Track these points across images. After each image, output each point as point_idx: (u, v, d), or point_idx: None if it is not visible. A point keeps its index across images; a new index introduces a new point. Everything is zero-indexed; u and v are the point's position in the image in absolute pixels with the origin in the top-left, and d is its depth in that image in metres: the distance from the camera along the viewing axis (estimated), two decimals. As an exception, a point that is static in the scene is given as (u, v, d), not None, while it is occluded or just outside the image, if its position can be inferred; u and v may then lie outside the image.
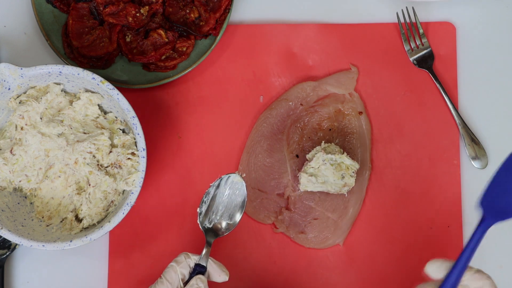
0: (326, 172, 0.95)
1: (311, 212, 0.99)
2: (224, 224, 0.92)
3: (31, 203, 0.96)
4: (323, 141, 0.98)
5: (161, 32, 1.00)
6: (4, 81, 0.92)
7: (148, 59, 1.00)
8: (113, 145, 0.95)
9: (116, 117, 0.97)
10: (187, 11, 1.01)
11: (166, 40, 1.00)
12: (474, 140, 1.01)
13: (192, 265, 0.87)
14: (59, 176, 0.95)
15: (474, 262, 1.00)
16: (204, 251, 0.88)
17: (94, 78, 0.91)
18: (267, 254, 1.00)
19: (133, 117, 0.91)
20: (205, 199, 0.92)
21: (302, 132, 1.01)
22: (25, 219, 0.94)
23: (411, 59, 1.03)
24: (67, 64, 0.97)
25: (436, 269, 0.82)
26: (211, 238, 0.90)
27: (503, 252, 1.01)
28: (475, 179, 1.02)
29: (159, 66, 1.01)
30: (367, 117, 1.02)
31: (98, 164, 0.95)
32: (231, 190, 0.92)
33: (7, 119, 0.96)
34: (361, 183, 1.00)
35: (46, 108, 0.96)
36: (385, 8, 1.05)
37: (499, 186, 0.82)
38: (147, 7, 1.00)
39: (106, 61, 1.01)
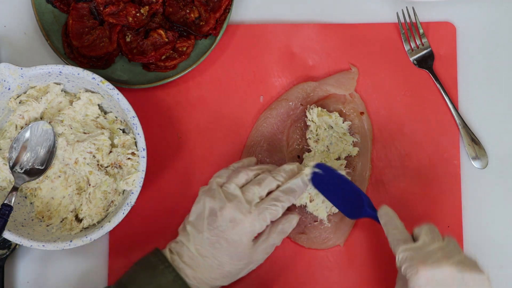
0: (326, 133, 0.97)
1: (311, 213, 0.99)
2: (35, 169, 0.93)
3: (31, 203, 0.96)
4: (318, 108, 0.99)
5: (161, 32, 1.00)
6: (4, 81, 0.92)
7: (148, 59, 1.00)
8: (113, 145, 0.95)
9: (116, 117, 0.98)
10: (187, 11, 1.01)
11: (166, 40, 1.00)
12: (474, 140, 1.01)
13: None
14: (59, 176, 0.95)
15: (474, 262, 1.00)
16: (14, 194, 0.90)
17: (94, 78, 0.91)
18: (267, 254, 1.00)
19: (133, 117, 0.91)
20: (14, 145, 0.93)
21: (302, 132, 1.01)
22: (25, 219, 0.94)
23: (411, 59, 1.03)
24: (67, 64, 0.97)
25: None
26: (20, 181, 0.92)
27: (503, 252, 1.01)
28: (475, 179, 1.02)
29: (159, 66, 1.01)
30: (368, 117, 1.01)
31: (98, 164, 0.95)
32: (41, 138, 0.93)
33: (7, 119, 0.96)
34: (361, 183, 1.00)
35: (46, 108, 0.96)
36: (385, 8, 1.05)
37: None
38: (147, 7, 1.00)
39: (106, 61, 1.01)
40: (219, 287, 0.89)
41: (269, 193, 0.89)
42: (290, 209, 0.93)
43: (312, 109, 0.99)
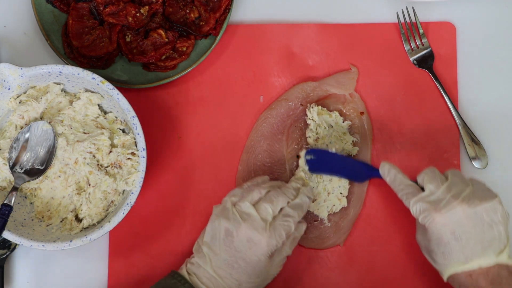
0: (325, 132, 0.98)
1: (311, 213, 0.99)
2: (35, 169, 0.93)
3: (31, 203, 0.96)
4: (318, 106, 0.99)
5: (161, 32, 1.00)
6: (4, 81, 0.92)
7: (148, 59, 1.00)
8: (113, 145, 0.95)
9: (116, 117, 0.98)
10: (187, 11, 1.01)
11: (166, 40, 1.00)
12: (474, 140, 1.01)
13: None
14: (59, 176, 0.95)
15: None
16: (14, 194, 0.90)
17: (94, 78, 0.91)
18: (267, 254, 1.00)
19: (133, 117, 0.91)
20: (14, 145, 0.93)
21: (302, 132, 1.01)
22: (25, 219, 0.94)
23: (411, 59, 1.03)
24: (67, 64, 0.97)
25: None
26: (20, 181, 0.92)
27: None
28: (475, 179, 1.02)
29: (159, 66, 1.01)
30: (368, 117, 1.01)
31: (98, 164, 0.95)
32: (41, 137, 0.93)
33: (7, 119, 0.96)
34: (361, 183, 1.00)
35: (46, 108, 0.96)
36: (385, 8, 1.05)
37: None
38: (147, 7, 1.00)
39: (106, 61, 1.01)
40: None
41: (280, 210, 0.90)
42: None
43: (312, 107, 0.99)
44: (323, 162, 0.95)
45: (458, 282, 0.86)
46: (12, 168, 0.93)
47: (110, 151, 0.95)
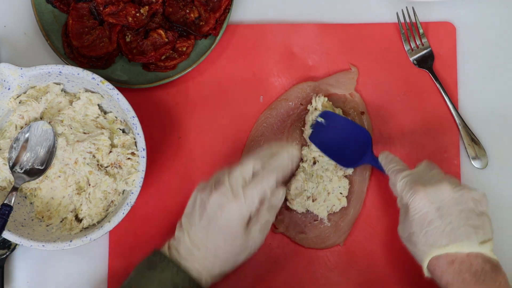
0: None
1: (311, 213, 0.99)
2: (35, 169, 0.93)
3: (31, 203, 0.96)
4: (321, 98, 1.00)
5: (161, 32, 1.00)
6: (4, 81, 0.92)
7: (148, 59, 1.00)
8: (113, 145, 0.95)
9: (116, 117, 0.98)
10: (187, 11, 1.01)
11: (166, 40, 1.00)
12: (474, 140, 1.01)
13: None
14: (59, 176, 0.95)
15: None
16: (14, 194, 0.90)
17: (94, 78, 0.91)
18: (267, 254, 1.00)
19: (133, 117, 0.91)
20: (14, 145, 0.93)
21: (302, 132, 1.01)
22: (25, 219, 0.94)
23: (411, 59, 1.03)
24: (67, 64, 0.97)
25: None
26: (20, 181, 0.92)
27: (503, 252, 1.01)
28: (475, 179, 1.02)
29: (159, 66, 1.01)
30: (369, 117, 1.01)
31: (98, 164, 0.95)
32: (41, 137, 0.93)
33: (7, 119, 0.96)
34: (361, 183, 1.00)
35: (46, 108, 0.96)
36: (385, 8, 1.05)
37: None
38: (147, 7, 1.00)
39: (106, 61, 1.01)
40: (222, 275, 0.89)
41: None
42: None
43: (319, 96, 0.99)
44: (329, 130, 0.95)
45: (440, 270, 0.83)
46: (12, 168, 0.93)
47: (110, 151, 0.95)
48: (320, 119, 0.96)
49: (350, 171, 0.98)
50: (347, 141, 0.96)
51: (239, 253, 0.88)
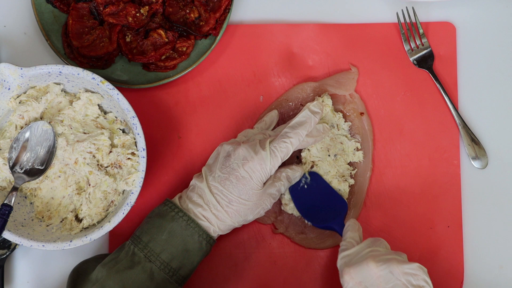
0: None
1: (311, 212, 0.99)
2: (35, 169, 0.93)
3: (31, 203, 0.96)
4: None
5: (161, 32, 1.00)
6: (4, 81, 0.92)
7: (148, 59, 1.00)
8: (113, 145, 0.95)
9: (116, 117, 0.98)
10: (187, 11, 1.01)
11: (166, 40, 1.00)
12: (474, 140, 1.01)
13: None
14: (59, 176, 0.95)
15: (475, 262, 1.01)
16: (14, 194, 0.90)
17: (94, 78, 0.91)
18: (267, 254, 1.00)
19: (133, 117, 0.91)
20: (14, 145, 0.93)
21: (302, 132, 1.01)
22: (25, 219, 0.94)
23: (411, 59, 1.03)
24: (67, 64, 0.97)
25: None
26: (20, 181, 0.92)
27: (503, 252, 1.01)
28: (475, 179, 1.02)
29: (159, 66, 1.01)
30: (369, 117, 1.01)
31: (98, 164, 0.95)
32: (41, 137, 0.93)
33: (7, 119, 0.96)
34: (362, 183, 1.00)
35: (46, 108, 0.96)
36: (385, 8, 1.05)
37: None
38: (147, 7, 1.00)
39: (106, 61, 1.01)
40: (230, 228, 0.91)
41: None
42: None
43: (323, 99, 0.99)
44: (311, 189, 0.97)
45: None
46: (12, 168, 0.93)
47: (110, 151, 0.95)
48: (307, 176, 0.97)
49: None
50: (323, 203, 0.97)
51: (249, 209, 0.90)
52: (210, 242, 0.90)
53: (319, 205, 0.96)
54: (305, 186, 0.97)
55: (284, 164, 0.95)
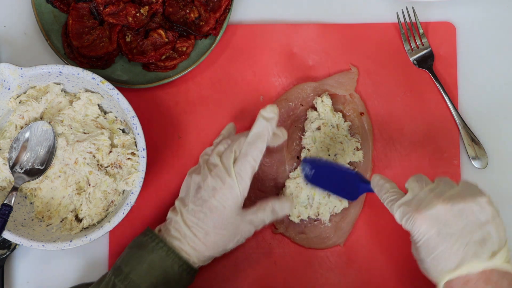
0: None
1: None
2: (35, 169, 0.93)
3: (31, 203, 0.96)
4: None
5: (161, 32, 1.00)
6: (4, 81, 0.92)
7: (148, 59, 1.00)
8: (113, 145, 0.95)
9: (116, 117, 0.98)
10: (187, 11, 1.01)
11: (166, 40, 1.00)
12: (474, 140, 1.01)
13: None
14: (59, 176, 0.95)
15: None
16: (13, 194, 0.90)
17: (94, 78, 0.91)
18: (267, 254, 1.00)
19: (133, 117, 0.91)
20: (14, 145, 0.93)
21: (302, 132, 1.01)
22: (25, 219, 0.94)
23: (411, 59, 1.03)
24: (67, 64, 0.97)
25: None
26: (20, 181, 0.92)
27: (503, 252, 1.01)
28: (475, 179, 1.02)
29: (159, 66, 1.01)
30: (368, 117, 1.02)
31: (98, 164, 0.95)
32: (41, 137, 0.93)
33: (7, 119, 0.96)
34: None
35: (46, 108, 0.96)
36: (385, 8, 1.05)
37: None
38: (147, 7, 1.00)
39: (106, 61, 1.01)
40: (211, 258, 0.90)
41: None
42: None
43: (322, 100, 0.99)
44: (319, 172, 0.92)
45: None
46: (12, 168, 0.93)
47: (110, 151, 0.95)
48: (307, 168, 0.92)
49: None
50: (338, 176, 0.93)
51: (228, 239, 0.89)
52: (191, 273, 0.88)
53: (338, 180, 0.94)
54: (313, 173, 0.93)
55: (282, 162, 0.95)
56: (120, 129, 0.97)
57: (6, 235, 0.89)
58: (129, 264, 0.87)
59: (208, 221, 0.87)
